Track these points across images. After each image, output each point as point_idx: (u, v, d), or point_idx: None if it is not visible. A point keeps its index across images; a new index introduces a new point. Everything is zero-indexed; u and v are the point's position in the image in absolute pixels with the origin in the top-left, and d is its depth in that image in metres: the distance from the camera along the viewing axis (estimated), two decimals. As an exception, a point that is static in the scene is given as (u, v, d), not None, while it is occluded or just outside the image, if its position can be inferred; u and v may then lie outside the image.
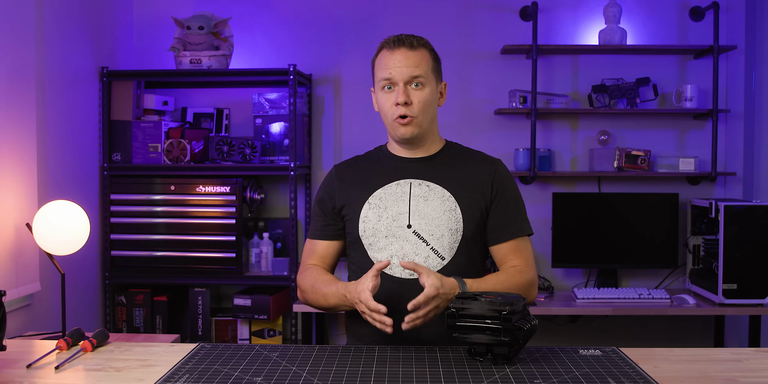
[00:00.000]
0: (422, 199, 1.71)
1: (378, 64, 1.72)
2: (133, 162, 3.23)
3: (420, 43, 1.70)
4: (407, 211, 1.70)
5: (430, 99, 1.69)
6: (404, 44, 1.68)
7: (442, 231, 1.69)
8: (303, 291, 1.76)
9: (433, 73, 1.71)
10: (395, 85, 1.68)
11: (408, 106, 1.67)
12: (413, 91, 1.67)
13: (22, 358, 1.54)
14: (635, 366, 1.43)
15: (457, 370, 1.40)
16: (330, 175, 1.83)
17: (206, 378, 1.36)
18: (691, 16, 3.45)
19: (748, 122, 3.47)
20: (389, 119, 1.70)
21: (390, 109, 1.69)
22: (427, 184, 1.73)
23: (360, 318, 1.70)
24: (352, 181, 1.78)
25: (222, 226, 3.16)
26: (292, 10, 3.54)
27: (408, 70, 1.66)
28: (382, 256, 1.70)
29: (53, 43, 2.77)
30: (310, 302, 1.75)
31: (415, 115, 1.68)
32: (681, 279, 3.48)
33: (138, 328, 3.22)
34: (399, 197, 1.72)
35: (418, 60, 1.68)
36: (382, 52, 1.71)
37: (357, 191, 1.75)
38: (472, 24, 3.51)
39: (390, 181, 1.74)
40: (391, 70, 1.67)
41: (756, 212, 2.99)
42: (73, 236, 2.33)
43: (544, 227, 3.45)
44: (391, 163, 1.78)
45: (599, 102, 3.41)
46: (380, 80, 1.69)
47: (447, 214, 1.70)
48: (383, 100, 1.70)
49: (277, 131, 3.33)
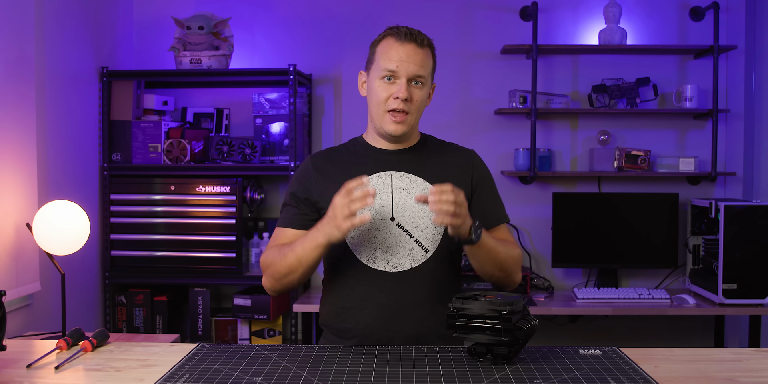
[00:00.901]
0: (404, 191, 1.70)
1: (382, 52, 1.68)
2: (133, 162, 3.23)
3: (427, 43, 1.70)
4: (390, 203, 1.69)
5: (424, 98, 1.71)
6: (415, 40, 1.67)
7: (425, 223, 1.69)
8: (268, 265, 1.68)
9: (431, 75, 1.72)
10: (397, 79, 1.66)
11: (406, 103, 1.66)
12: (413, 89, 1.67)
13: (22, 358, 1.54)
14: (635, 366, 1.43)
15: (457, 370, 1.40)
16: (306, 166, 1.78)
17: (206, 378, 1.36)
18: (691, 16, 3.45)
19: (748, 122, 3.47)
20: (380, 109, 1.68)
21: (386, 100, 1.67)
22: (408, 176, 1.72)
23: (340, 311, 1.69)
24: (329, 173, 1.74)
25: (222, 226, 3.16)
26: (292, 10, 3.54)
27: (414, 68, 1.66)
28: (365, 249, 1.68)
29: (53, 43, 2.77)
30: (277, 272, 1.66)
31: (411, 112, 1.68)
32: (681, 279, 3.48)
33: (138, 328, 3.22)
34: (381, 190, 1.70)
35: (423, 59, 1.68)
36: (389, 40, 1.68)
37: (336, 183, 1.69)
38: (472, 24, 3.51)
39: (371, 173, 1.72)
40: (398, 63, 1.65)
41: (756, 212, 2.99)
42: (73, 236, 2.33)
43: (544, 227, 3.45)
44: (369, 155, 1.76)
45: (599, 102, 3.41)
46: (383, 69, 1.67)
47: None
48: (380, 90, 1.68)
49: (277, 131, 3.33)
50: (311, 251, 1.59)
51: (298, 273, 1.64)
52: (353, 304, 1.69)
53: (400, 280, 1.67)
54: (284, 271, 1.64)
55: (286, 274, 1.65)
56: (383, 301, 1.66)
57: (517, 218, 3.48)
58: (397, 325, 1.66)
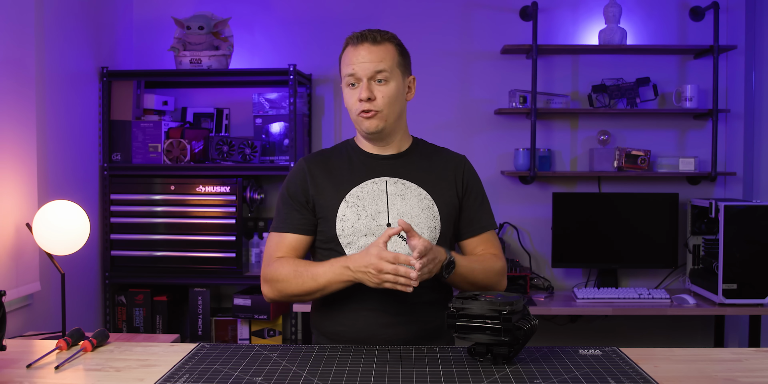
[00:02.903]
0: (399, 197, 1.70)
1: (343, 61, 1.71)
2: (133, 162, 3.23)
3: (384, 38, 1.68)
4: (386, 209, 1.69)
5: (395, 93, 1.68)
6: (367, 39, 1.67)
7: (421, 229, 1.69)
8: (278, 281, 1.65)
9: (398, 68, 1.69)
10: (359, 82, 1.67)
11: (371, 102, 1.66)
12: (377, 87, 1.66)
13: (22, 358, 1.54)
14: (635, 366, 1.43)
15: (457, 370, 1.40)
16: (300, 168, 1.76)
17: (206, 378, 1.36)
18: (691, 16, 3.45)
19: (748, 122, 3.47)
20: (353, 115, 1.70)
21: (354, 104, 1.68)
22: (402, 182, 1.72)
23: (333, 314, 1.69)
24: (323, 177, 1.73)
25: (222, 226, 3.16)
26: (292, 10, 3.54)
27: (371, 66, 1.65)
28: None
29: (53, 43, 2.77)
30: (287, 290, 1.64)
31: (380, 109, 1.66)
32: (681, 279, 3.48)
33: (138, 328, 3.22)
34: (376, 196, 1.70)
35: (381, 55, 1.66)
36: (347, 48, 1.70)
37: (330, 189, 1.71)
38: (472, 24, 3.51)
39: (365, 179, 1.72)
40: (354, 66, 1.66)
41: (756, 212, 2.99)
42: (73, 236, 2.33)
43: (544, 227, 3.45)
44: (362, 160, 1.76)
45: (599, 102, 3.41)
46: (345, 76, 1.69)
47: (425, 212, 1.70)
48: (348, 96, 1.70)
49: (277, 131, 3.33)
50: (337, 285, 1.60)
51: (314, 296, 1.65)
52: (348, 309, 1.69)
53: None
54: (298, 293, 1.64)
55: (300, 295, 1.65)
56: (378, 306, 1.66)
57: (517, 218, 3.48)
58: (392, 329, 1.66)
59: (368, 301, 1.67)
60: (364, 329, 1.67)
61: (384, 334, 1.66)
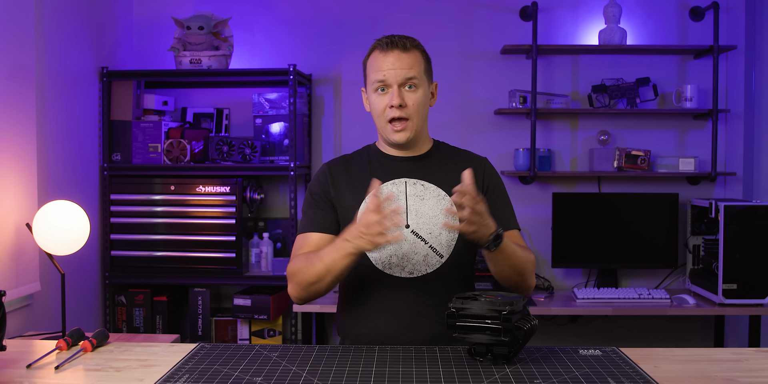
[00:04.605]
0: (418, 198, 1.72)
1: (370, 66, 1.72)
2: (133, 162, 3.23)
3: (413, 45, 1.70)
4: (405, 210, 1.70)
5: (423, 100, 1.70)
6: (397, 46, 1.68)
7: (439, 229, 1.69)
8: (295, 274, 1.65)
9: (425, 75, 1.72)
10: (389, 88, 1.68)
11: (402, 109, 1.67)
12: (407, 93, 1.68)
13: (22, 358, 1.54)
14: (635, 366, 1.43)
15: (457, 370, 1.40)
16: (323, 172, 1.79)
17: (206, 378, 1.36)
18: (691, 16, 3.45)
19: (748, 122, 3.47)
20: (382, 121, 1.71)
21: (384, 111, 1.69)
22: (422, 183, 1.73)
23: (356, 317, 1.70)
24: (345, 181, 1.76)
25: (222, 226, 3.16)
26: (292, 10, 3.54)
27: (402, 72, 1.66)
28: (380, 255, 1.70)
29: (53, 43, 2.77)
30: (304, 280, 1.63)
31: (410, 116, 1.68)
32: (681, 279, 3.48)
33: (138, 328, 3.22)
34: (395, 197, 1.71)
35: (411, 62, 1.68)
36: (375, 53, 1.71)
37: (351, 192, 1.74)
38: (472, 24, 3.51)
39: (385, 180, 1.74)
40: (385, 72, 1.67)
41: (756, 212, 2.99)
42: (73, 236, 2.33)
43: (544, 227, 3.45)
44: (383, 162, 1.78)
45: (599, 102, 3.41)
46: (374, 82, 1.69)
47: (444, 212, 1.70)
48: (377, 102, 1.70)
49: (277, 131, 3.33)
50: (341, 260, 1.57)
51: (326, 281, 1.62)
52: (370, 310, 1.71)
53: (415, 286, 1.69)
54: (311, 279, 1.63)
55: (314, 282, 1.63)
56: (399, 307, 1.68)
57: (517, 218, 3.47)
58: (413, 330, 1.67)
59: (390, 303, 1.68)
60: (388, 330, 1.68)
61: (404, 335, 1.66)
